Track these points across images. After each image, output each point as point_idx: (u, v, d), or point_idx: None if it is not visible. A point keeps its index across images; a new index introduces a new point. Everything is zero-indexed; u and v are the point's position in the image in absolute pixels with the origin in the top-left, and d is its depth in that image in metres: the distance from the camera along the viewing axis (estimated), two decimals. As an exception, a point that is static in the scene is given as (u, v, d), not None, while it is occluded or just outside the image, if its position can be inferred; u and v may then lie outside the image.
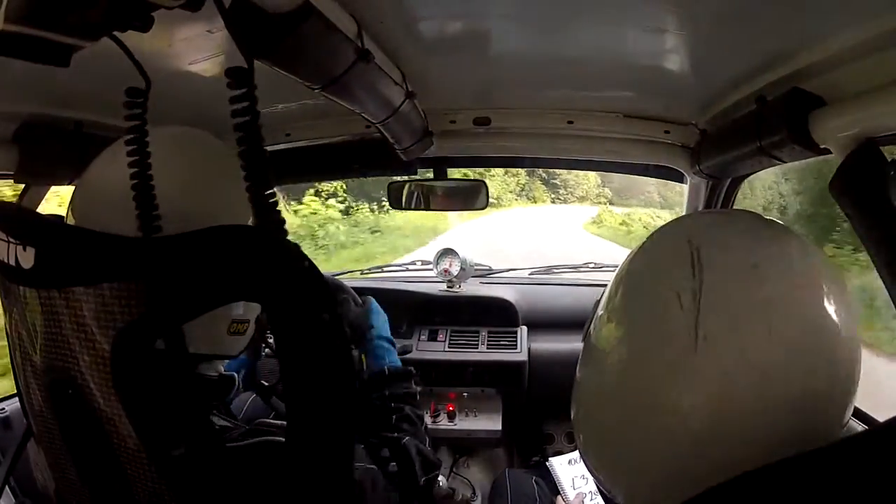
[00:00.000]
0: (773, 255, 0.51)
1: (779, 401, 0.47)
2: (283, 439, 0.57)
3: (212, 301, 0.51)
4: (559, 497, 1.32)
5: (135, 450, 0.54)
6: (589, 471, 0.61)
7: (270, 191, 0.46)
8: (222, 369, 0.75)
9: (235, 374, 0.75)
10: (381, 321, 1.13)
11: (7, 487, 0.88)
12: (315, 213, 9.05)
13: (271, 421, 0.70)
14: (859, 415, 1.04)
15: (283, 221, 0.47)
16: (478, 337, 1.84)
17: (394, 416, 0.87)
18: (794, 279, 0.50)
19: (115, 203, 0.55)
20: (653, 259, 0.57)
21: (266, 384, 1.19)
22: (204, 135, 0.71)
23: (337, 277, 1.76)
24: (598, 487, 0.60)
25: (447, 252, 1.96)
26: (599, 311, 0.59)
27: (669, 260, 0.53)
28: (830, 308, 0.49)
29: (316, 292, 0.49)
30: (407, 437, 0.84)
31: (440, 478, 1.63)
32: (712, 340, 0.48)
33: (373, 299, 1.19)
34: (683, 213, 1.66)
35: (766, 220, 0.57)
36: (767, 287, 0.49)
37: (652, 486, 0.53)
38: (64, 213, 0.66)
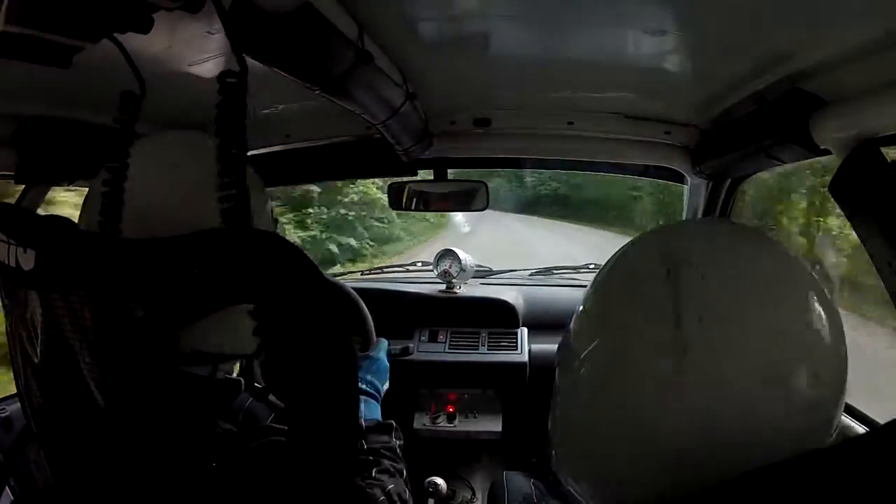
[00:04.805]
0: (756, 267, 0.50)
1: (763, 415, 0.45)
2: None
3: (213, 304, 0.51)
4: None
5: (134, 451, 0.54)
6: (563, 480, 0.58)
7: (242, 198, 0.46)
8: (234, 371, 0.75)
9: (241, 380, 0.75)
10: (381, 375, 1.10)
11: (7, 488, 0.88)
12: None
13: (275, 426, 0.70)
14: (859, 416, 1.04)
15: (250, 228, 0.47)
16: (478, 338, 1.83)
17: (373, 469, 0.86)
18: (776, 290, 0.49)
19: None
20: (630, 271, 0.56)
21: (260, 386, 1.18)
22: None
23: (338, 279, 1.75)
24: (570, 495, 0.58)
25: (447, 253, 1.95)
26: (577, 321, 0.57)
27: (646, 271, 0.51)
28: (813, 317, 0.48)
29: (318, 294, 0.49)
30: (391, 485, 0.80)
31: (439, 480, 1.62)
32: (695, 355, 0.46)
33: (385, 345, 1.16)
34: (684, 215, 1.66)
35: (746, 228, 0.56)
36: (751, 299, 0.48)
37: (634, 499, 0.50)
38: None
